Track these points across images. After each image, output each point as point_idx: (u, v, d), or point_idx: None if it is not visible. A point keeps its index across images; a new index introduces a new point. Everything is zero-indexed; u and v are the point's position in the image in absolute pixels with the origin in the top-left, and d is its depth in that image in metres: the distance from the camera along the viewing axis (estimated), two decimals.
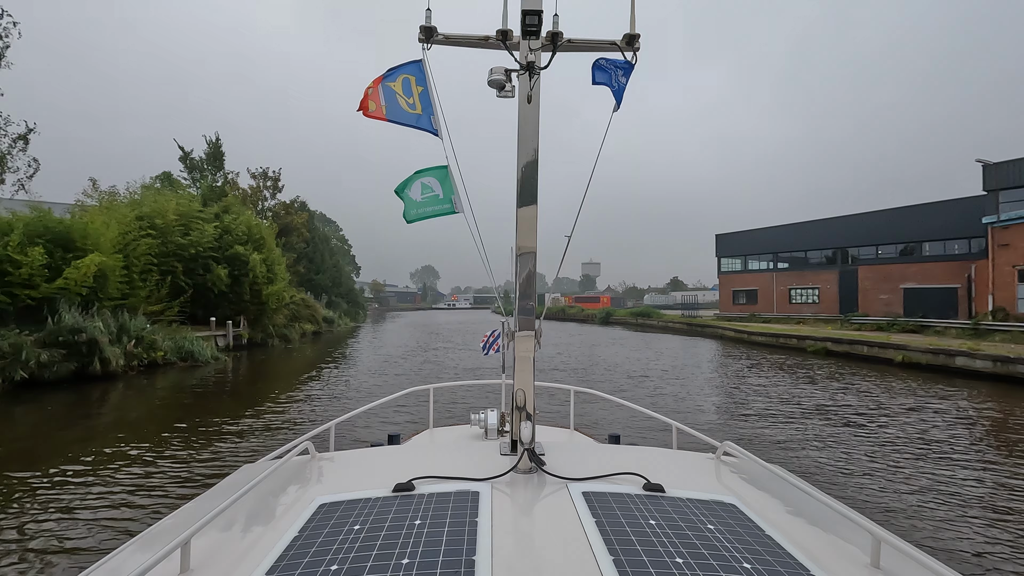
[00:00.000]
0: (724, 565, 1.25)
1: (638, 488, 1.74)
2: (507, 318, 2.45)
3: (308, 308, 39.12)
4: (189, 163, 28.42)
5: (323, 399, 13.81)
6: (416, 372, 19.00)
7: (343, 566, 1.23)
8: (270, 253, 27.17)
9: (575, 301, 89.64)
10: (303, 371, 19.73)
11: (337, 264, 69.51)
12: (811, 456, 8.66)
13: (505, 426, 3.41)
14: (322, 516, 1.54)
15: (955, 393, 14.40)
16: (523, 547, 1.38)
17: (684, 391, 15.05)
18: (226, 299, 25.68)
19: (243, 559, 1.35)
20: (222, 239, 25.11)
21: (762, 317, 44.15)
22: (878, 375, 17.82)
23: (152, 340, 18.50)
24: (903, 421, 11.09)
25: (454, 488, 1.70)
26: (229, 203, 26.54)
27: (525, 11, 1.96)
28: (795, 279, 43.94)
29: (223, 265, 24.73)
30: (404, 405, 10.93)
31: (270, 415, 11.91)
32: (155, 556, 1.18)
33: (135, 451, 8.64)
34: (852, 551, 1.44)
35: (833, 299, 41.04)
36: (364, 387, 15.81)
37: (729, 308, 48.85)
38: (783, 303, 44.59)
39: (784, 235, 45.51)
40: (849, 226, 40.19)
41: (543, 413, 4.94)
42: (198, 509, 1.76)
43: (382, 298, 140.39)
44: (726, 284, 49.97)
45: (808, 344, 25.33)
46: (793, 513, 1.71)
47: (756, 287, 46.94)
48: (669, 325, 46.94)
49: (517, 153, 2.08)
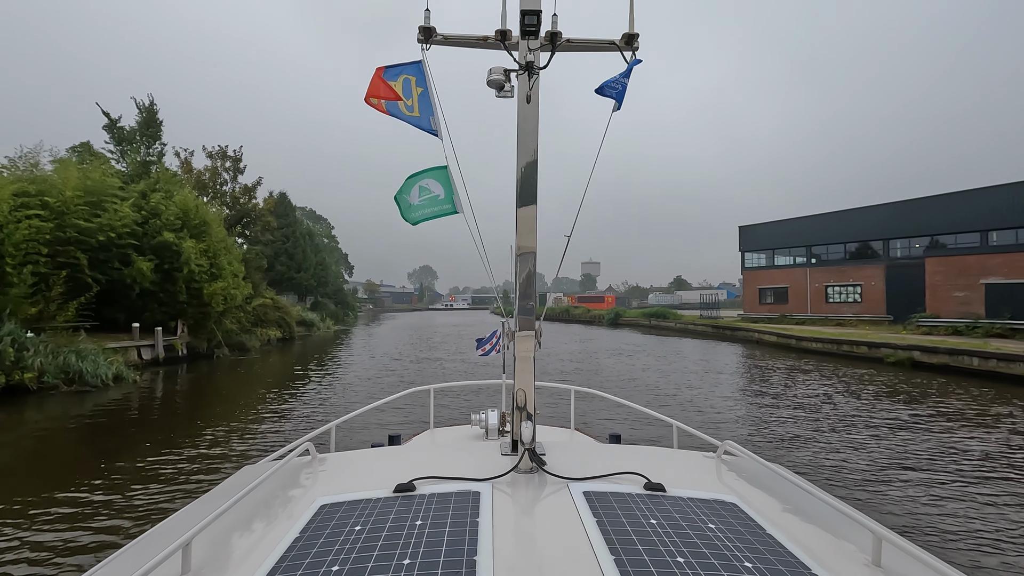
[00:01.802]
0: (725, 564, 1.24)
1: (639, 488, 1.73)
2: (507, 318, 2.45)
3: (278, 310, 33.95)
4: (117, 133, 23.19)
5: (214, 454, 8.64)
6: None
7: (344, 567, 1.23)
8: (215, 243, 21.94)
9: (578, 301, 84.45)
10: (236, 397, 14.59)
11: (323, 262, 64.30)
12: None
13: (506, 426, 3.40)
14: (323, 517, 1.53)
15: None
16: (524, 547, 1.38)
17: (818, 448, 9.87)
18: (155, 299, 20.50)
19: (244, 560, 1.34)
20: (148, 224, 19.91)
21: (794, 318, 39.06)
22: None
23: (17, 356, 13.33)
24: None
25: (455, 488, 1.70)
26: (162, 179, 21.25)
27: (524, 11, 1.96)
28: (833, 275, 38.78)
29: (148, 257, 19.55)
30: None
31: (138, 486, 6.82)
32: (156, 558, 1.17)
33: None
34: (853, 550, 1.43)
35: (878, 297, 35.93)
36: (278, 435, 10.63)
37: (755, 308, 43.67)
38: (818, 302, 39.45)
39: (819, 226, 40.31)
40: (901, 213, 35.03)
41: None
42: (199, 510, 1.73)
43: (377, 299, 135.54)
44: (751, 281, 44.77)
45: (886, 353, 20.16)
46: (794, 512, 1.69)
47: (786, 284, 41.75)
48: (688, 327, 41.79)
49: (516, 153, 2.07)
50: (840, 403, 12.95)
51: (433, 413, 4.11)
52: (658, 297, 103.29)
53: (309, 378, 17.73)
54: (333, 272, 70.47)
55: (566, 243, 2.55)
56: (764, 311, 42.52)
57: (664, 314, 46.92)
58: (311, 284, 58.97)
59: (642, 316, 50.08)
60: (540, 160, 2.05)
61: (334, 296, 69.18)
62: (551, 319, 64.05)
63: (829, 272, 39.11)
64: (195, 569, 1.29)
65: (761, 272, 44.08)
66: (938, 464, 8.03)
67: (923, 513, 6.28)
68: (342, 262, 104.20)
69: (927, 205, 33.63)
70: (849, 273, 37.85)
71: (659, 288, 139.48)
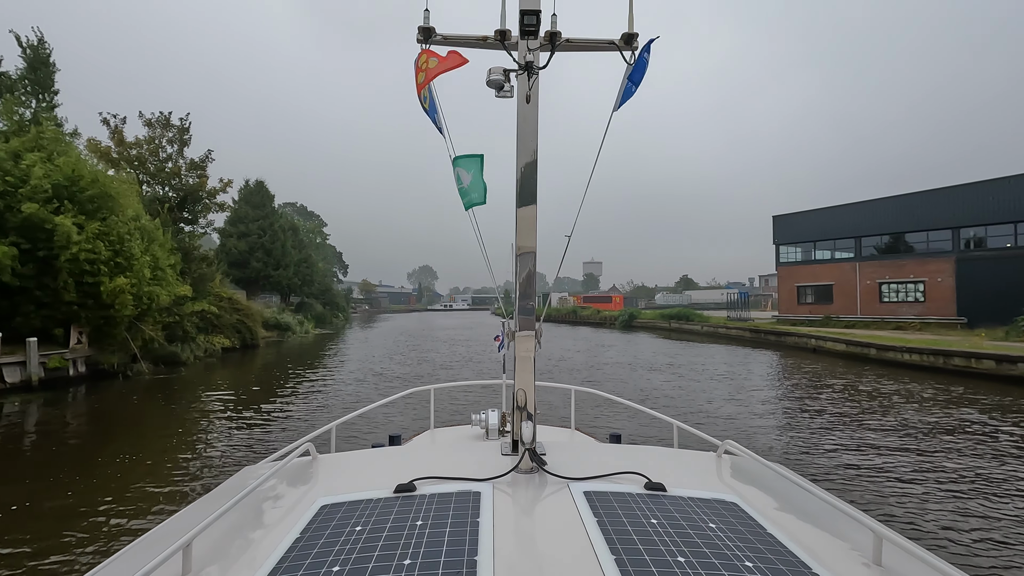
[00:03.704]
0: (726, 564, 1.24)
1: (639, 487, 1.72)
2: (507, 318, 2.44)
3: (238, 312, 28.54)
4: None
5: None
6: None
7: (345, 567, 1.23)
8: (122, 224, 16.48)
9: (585, 301, 78.88)
10: (121, 441, 9.12)
11: (308, 259, 58.87)
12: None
13: (506, 426, 3.38)
14: (324, 517, 1.53)
15: None
16: (525, 547, 1.38)
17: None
18: (29, 299, 15.07)
19: (245, 561, 1.33)
20: (16, 195, 14.46)
21: (841, 320, 33.58)
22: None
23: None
24: None
25: (455, 488, 1.69)
26: (43, 136, 15.75)
27: (523, 11, 1.95)
28: (888, 270, 33.24)
29: (10, 239, 14.12)
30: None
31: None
32: (157, 558, 1.16)
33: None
34: (854, 549, 1.42)
35: (946, 297, 30.42)
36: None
37: (792, 308, 38.13)
38: (870, 301, 33.93)
39: (871, 213, 34.73)
40: (978, 196, 29.48)
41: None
42: (200, 511, 1.72)
43: (373, 299, 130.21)
44: (787, 278, 39.20)
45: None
46: (794, 511, 1.68)
47: (831, 281, 36.21)
48: (718, 331, 36.26)
49: (516, 153, 2.06)
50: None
51: (433, 413, 4.07)
52: (666, 297, 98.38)
53: (236, 410, 12.31)
54: (320, 270, 64.95)
55: (566, 243, 2.56)
56: (804, 312, 36.99)
57: (687, 315, 41.31)
58: (294, 283, 53.56)
59: (660, 318, 44.49)
60: (540, 160, 2.06)
61: (322, 296, 63.76)
62: (557, 321, 58.71)
63: (884, 267, 33.56)
64: (196, 570, 1.28)
65: (800, 268, 38.50)
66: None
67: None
68: (335, 261, 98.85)
69: (1013, 186, 28.10)
70: (909, 268, 32.31)
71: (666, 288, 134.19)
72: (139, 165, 23.03)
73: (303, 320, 42.88)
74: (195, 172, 24.90)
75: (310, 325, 43.30)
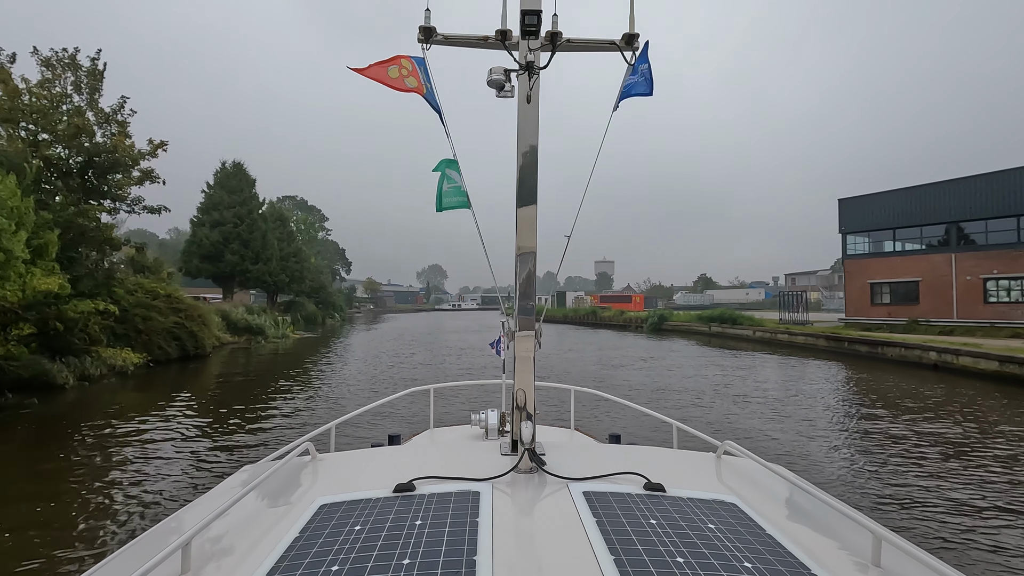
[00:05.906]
0: (725, 564, 1.23)
1: (639, 488, 1.71)
2: (507, 318, 2.43)
3: (179, 312, 22.54)
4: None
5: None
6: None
7: (344, 567, 1.22)
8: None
9: (603, 301, 72.41)
10: None
11: (298, 253, 53.03)
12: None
13: (505, 426, 3.37)
14: (323, 516, 1.51)
15: None
16: (524, 547, 1.38)
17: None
18: None
19: (244, 560, 1.32)
20: None
21: (933, 324, 26.92)
22: None
23: None
24: None
25: (455, 488, 1.68)
26: None
27: (524, 11, 1.96)
28: (996, 263, 26.46)
29: None
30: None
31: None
32: (156, 557, 1.15)
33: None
34: (853, 550, 1.41)
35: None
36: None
37: (865, 310, 31.43)
38: (971, 302, 27.15)
39: (970, 193, 27.97)
40: None
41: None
42: (199, 510, 1.70)
43: (378, 298, 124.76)
44: (857, 273, 32.48)
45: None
46: (794, 512, 1.68)
47: (916, 277, 29.45)
48: (776, 338, 29.73)
49: (516, 153, 2.07)
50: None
51: (433, 413, 4.05)
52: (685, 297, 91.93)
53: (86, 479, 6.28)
54: (313, 267, 59.09)
55: (566, 243, 2.56)
56: (879, 314, 30.30)
57: (733, 318, 34.69)
58: (281, 279, 47.76)
59: (698, 320, 37.93)
60: (540, 160, 2.06)
61: (315, 295, 57.95)
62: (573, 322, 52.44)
63: (989, 259, 26.79)
64: (195, 568, 1.28)
65: (874, 261, 31.76)
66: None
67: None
68: (337, 257, 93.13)
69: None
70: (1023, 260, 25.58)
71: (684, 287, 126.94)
72: (25, 116, 17.05)
73: (280, 322, 36.88)
74: (106, 124, 18.86)
75: (289, 328, 37.27)
